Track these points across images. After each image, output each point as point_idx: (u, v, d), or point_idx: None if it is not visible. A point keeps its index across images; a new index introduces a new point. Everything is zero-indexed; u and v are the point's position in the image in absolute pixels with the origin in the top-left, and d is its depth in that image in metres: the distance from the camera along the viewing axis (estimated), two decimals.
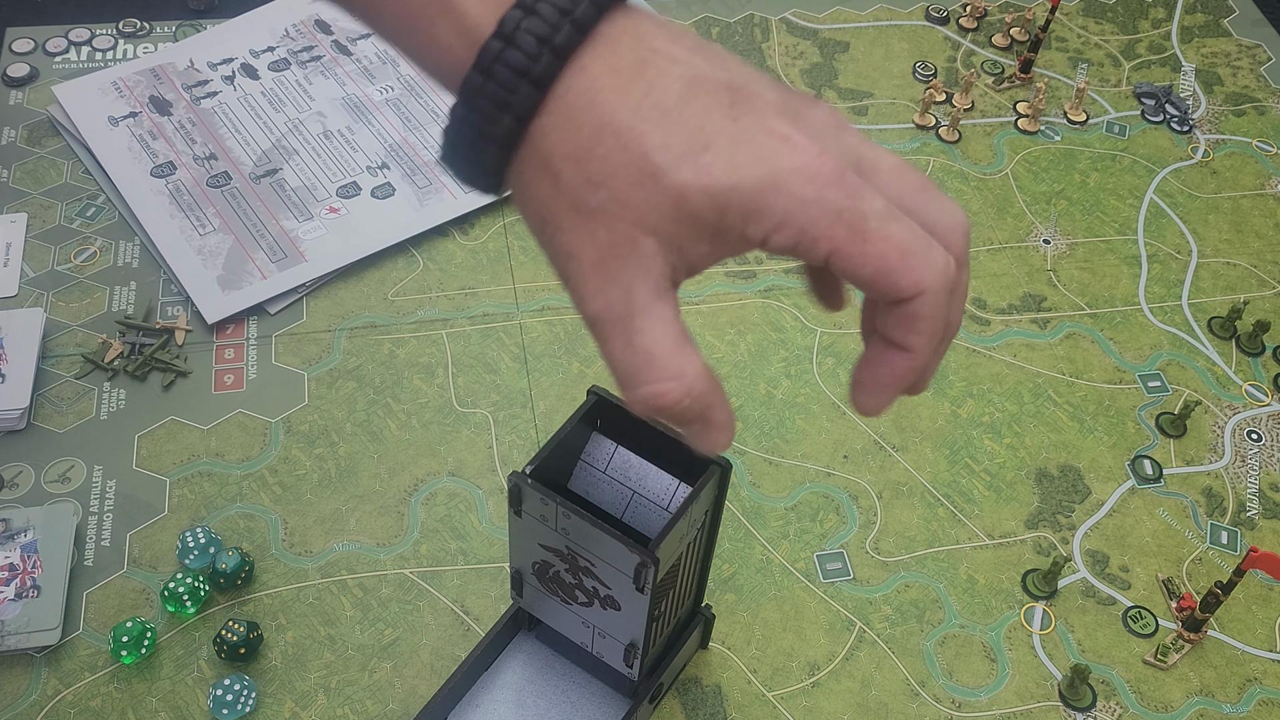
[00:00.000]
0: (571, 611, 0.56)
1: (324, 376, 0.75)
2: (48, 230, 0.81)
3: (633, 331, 0.35)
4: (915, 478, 0.73)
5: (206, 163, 0.85)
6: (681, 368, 0.36)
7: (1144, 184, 0.92)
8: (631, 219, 0.35)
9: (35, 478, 0.69)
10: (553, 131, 0.35)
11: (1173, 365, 0.80)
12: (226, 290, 0.78)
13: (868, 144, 0.37)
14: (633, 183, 0.34)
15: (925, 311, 0.36)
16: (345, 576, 0.67)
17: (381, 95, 0.90)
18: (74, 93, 0.88)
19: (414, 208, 0.83)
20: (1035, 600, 0.69)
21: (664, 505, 0.53)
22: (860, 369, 0.39)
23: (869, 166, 0.36)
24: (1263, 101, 0.99)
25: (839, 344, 0.79)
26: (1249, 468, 0.76)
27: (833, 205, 0.34)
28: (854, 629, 0.67)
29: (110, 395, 0.73)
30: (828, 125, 0.36)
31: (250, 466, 0.71)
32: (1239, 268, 0.87)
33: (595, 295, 0.36)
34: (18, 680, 0.62)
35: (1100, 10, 1.05)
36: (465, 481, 0.71)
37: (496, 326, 0.78)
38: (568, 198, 0.35)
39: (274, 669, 0.63)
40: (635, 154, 0.34)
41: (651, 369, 0.35)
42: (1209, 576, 0.70)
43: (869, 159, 0.37)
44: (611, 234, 0.35)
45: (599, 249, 0.35)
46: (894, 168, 0.37)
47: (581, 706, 0.61)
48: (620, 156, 0.34)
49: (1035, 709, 0.64)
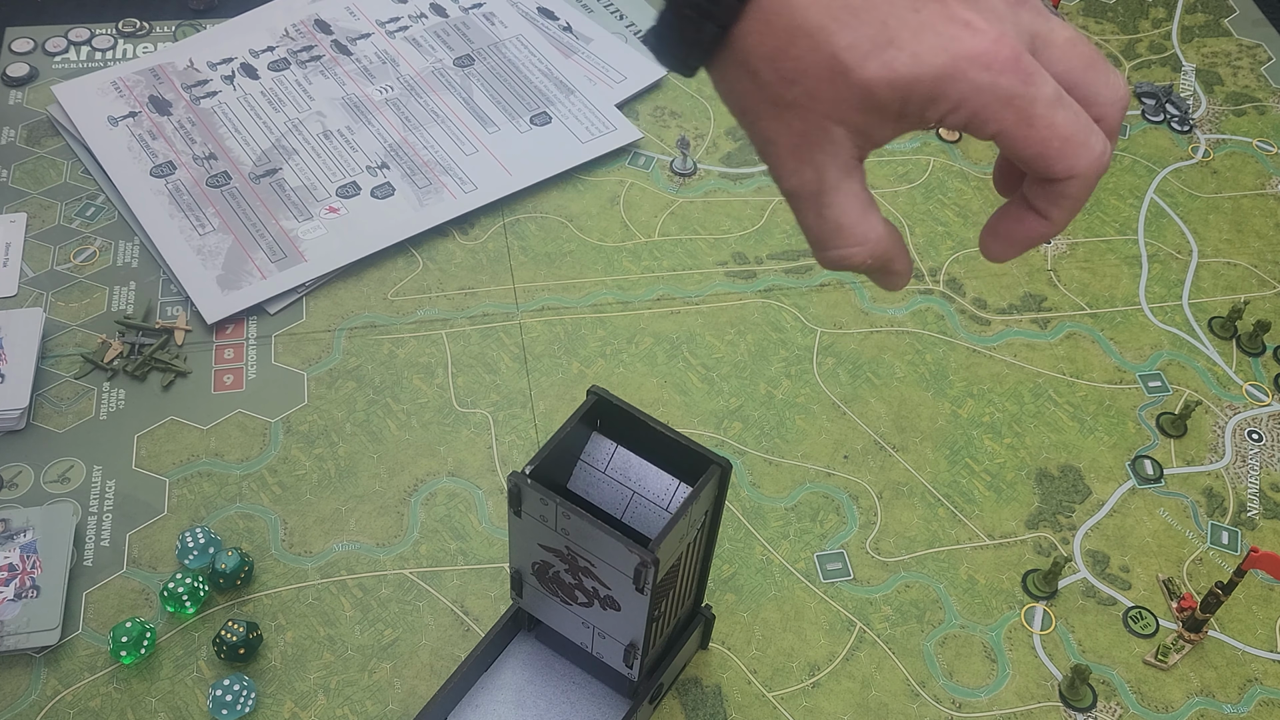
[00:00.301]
0: (571, 612, 0.56)
1: (324, 376, 0.75)
2: (47, 230, 0.81)
3: (824, 205, 0.40)
4: (915, 478, 0.73)
5: (206, 162, 0.85)
6: (866, 234, 0.40)
7: (1144, 184, 0.92)
8: (822, 111, 0.38)
9: (35, 478, 0.69)
10: (751, 34, 0.38)
11: (1173, 365, 0.80)
12: (226, 290, 0.78)
13: (1044, 17, 0.40)
14: (823, 79, 0.38)
15: (1073, 192, 0.40)
16: (345, 577, 0.67)
17: (381, 95, 0.90)
18: (73, 92, 0.88)
19: (414, 207, 0.83)
20: (1036, 600, 0.69)
21: (664, 505, 0.53)
22: (999, 221, 0.42)
23: (1043, 41, 0.39)
24: (1263, 101, 0.99)
25: (839, 344, 0.79)
26: (1249, 468, 0.76)
27: (1005, 91, 0.37)
28: (854, 629, 0.67)
29: (110, 395, 0.73)
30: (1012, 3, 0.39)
31: (250, 467, 0.71)
32: (1239, 268, 0.87)
33: (792, 174, 0.40)
34: (17, 680, 0.62)
35: (1100, 10, 1.05)
36: (465, 481, 0.71)
37: (496, 326, 0.78)
38: (766, 92, 0.39)
39: (273, 669, 0.63)
40: (826, 53, 0.37)
41: (840, 235, 0.40)
42: (1209, 577, 0.70)
43: (1043, 33, 0.39)
44: (805, 123, 0.39)
45: (794, 136, 0.39)
46: (1067, 41, 0.40)
47: (581, 707, 0.61)
48: (812, 56, 0.38)
49: (1035, 709, 0.64)
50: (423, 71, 0.92)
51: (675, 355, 0.78)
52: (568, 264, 0.82)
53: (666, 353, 0.78)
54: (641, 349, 0.78)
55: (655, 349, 0.78)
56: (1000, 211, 0.42)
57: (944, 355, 0.79)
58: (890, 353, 0.79)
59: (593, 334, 0.78)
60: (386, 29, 0.96)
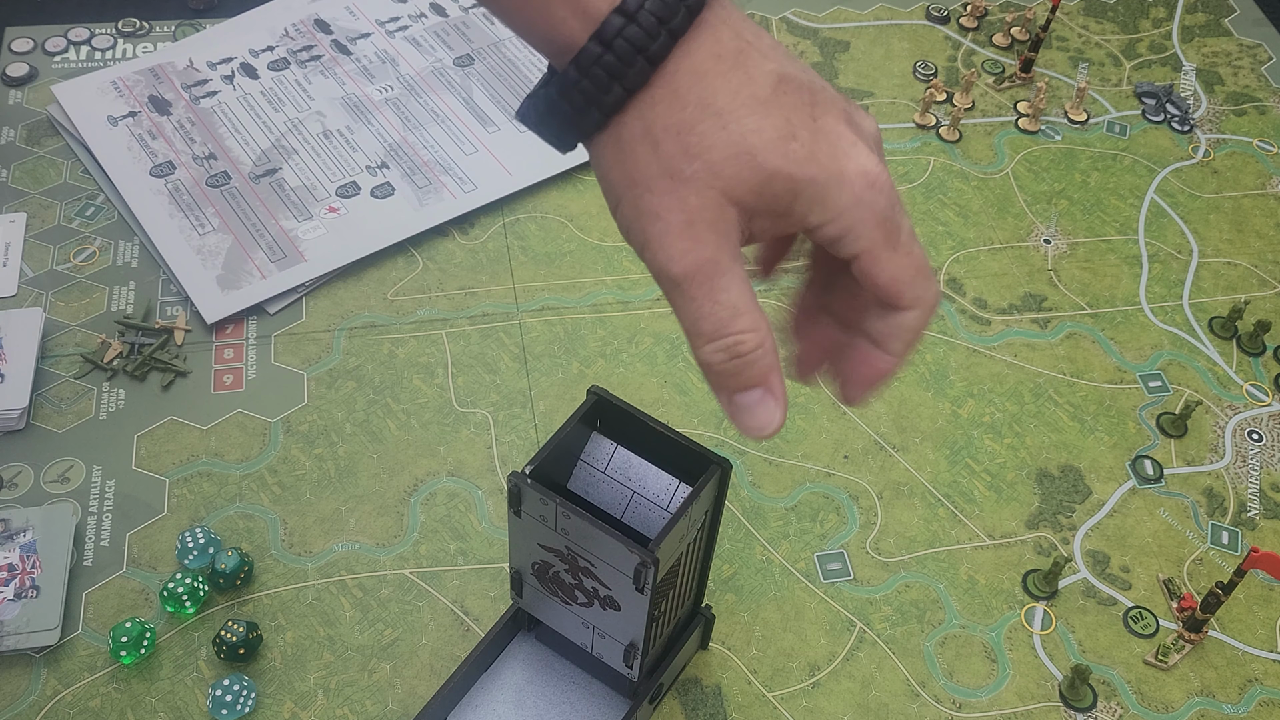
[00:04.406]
0: (571, 612, 0.56)
1: (323, 376, 0.75)
2: (47, 230, 0.81)
3: (719, 289, 0.39)
4: (916, 478, 0.73)
5: (206, 162, 0.85)
6: (759, 321, 0.40)
7: (1145, 184, 0.92)
8: (721, 188, 0.38)
9: (34, 478, 0.69)
10: (659, 104, 0.39)
11: (1173, 365, 0.80)
12: (226, 290, 0.78)
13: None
14: (728, 158, 0.38)
15: (913, 324, 0.42)
16: (345, 577, 0.67)
17: (381, 95, 0.90)
18: (73, 92, 0.88)
19: (413, 207, 0.83)
20: (1036, 601, 0.69)
21: (664, 505, 0.53)
22: (847, 367, 0.44)
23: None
24: (1263, 101, 0.99)
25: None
26: (1250, 468, 0.75)
27: (882, 210, 0.39)
28: (854, 629, 0.67)
29: (109, 395, 0.73)
30: (876, 139, 0.42)
31: (250, 467, 0.70)
32: (1240, 267, 0.87)
33: (684, 255, 0.39)
34: (17, 680, 0.62)
35: (1101, 10, 1.05)
36: (465, 482, 0.71)
37: (496, 326, 0.78)
38: (663, 164, 0.39)
39: (273, 669, 0.63)
40: (734, 134, 0.38)
41: (737, 320, 0.39)
42: (1210, 577, 0.70)
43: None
44: (702, 199, 0.39)
45: (688, 213, 0.39)
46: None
47: (581, 707, 0.61)
48: (720, 134, 0.38)
49: (1036, 709, 0.64)
50: (423, 71, 0.92)
51: (675, 355, 0.78)
52: (568, 264, 0.82)
53: (666, 353, 0.78)
54: (641, 349, 0.78)
55: (655, 349, 0.78)
56: (846, 359, 0.44)
57: (944, 355, 0.79)
58: None
59: (593, 334, 0.78)
60: (386, 29, 0.95)
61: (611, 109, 0.39)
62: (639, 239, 0.40)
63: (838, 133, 0.39)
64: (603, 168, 0.41)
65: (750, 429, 0.41)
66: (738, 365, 0.40)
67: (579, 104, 0.39)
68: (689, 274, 0.39)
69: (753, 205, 0.39)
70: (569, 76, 0.39)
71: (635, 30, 0.38)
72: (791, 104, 0.39)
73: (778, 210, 0.39)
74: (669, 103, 0.38)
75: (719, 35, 0.39)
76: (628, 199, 0.40)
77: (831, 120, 0.39)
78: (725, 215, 0.39)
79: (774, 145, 0.38)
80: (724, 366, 0.40)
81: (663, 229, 0.39)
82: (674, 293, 0.40)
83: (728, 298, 0.39)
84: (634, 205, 0.40)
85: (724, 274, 0.39)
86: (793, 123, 0.39)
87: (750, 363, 0.40)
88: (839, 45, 0.99)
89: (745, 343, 0.40)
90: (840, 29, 1.01)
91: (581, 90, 0.39)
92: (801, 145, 0.38)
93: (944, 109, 0.95)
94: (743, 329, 0.40)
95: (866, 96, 0.95)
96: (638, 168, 0.39)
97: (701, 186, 0.38)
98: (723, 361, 0.40)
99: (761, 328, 0.40)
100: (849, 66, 0.97)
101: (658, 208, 0.39)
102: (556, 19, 0.39)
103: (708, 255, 0.39)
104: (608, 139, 0.40)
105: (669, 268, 0.39)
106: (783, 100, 0.39)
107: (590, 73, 0.38)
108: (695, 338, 0.40)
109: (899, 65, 0.98)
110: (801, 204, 0.39)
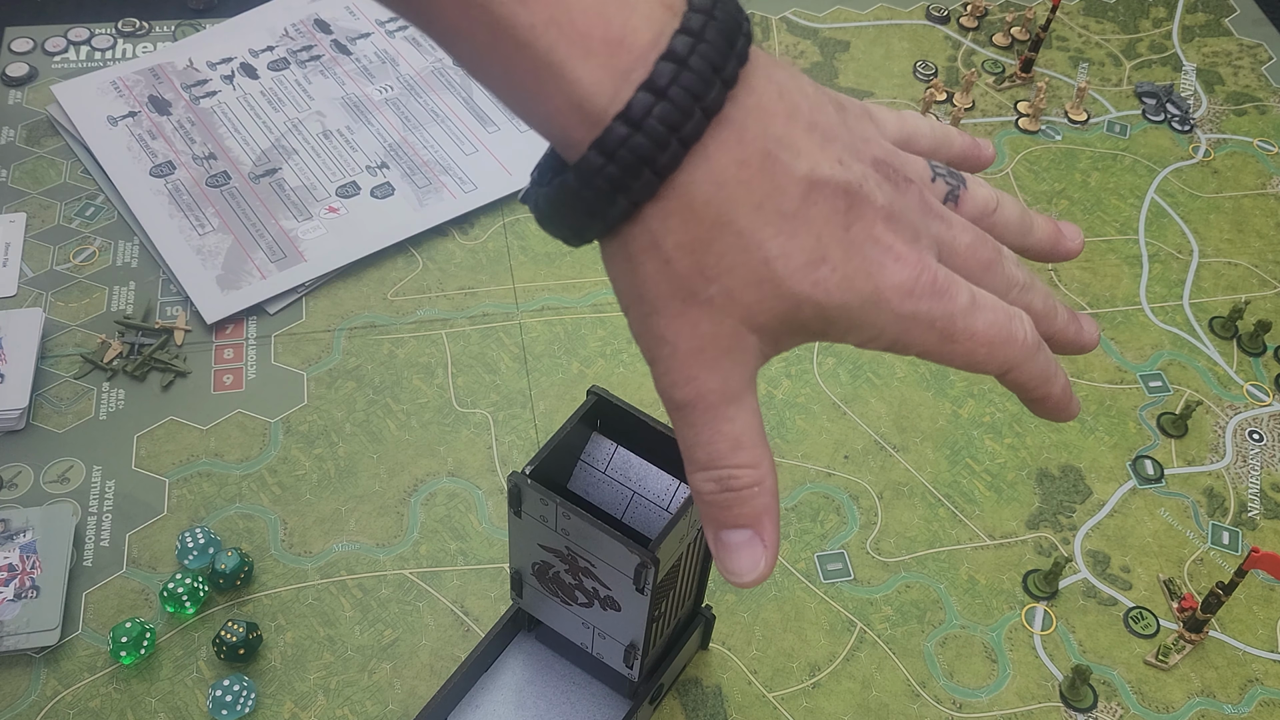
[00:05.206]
0: (571, 612, 0.56)
1: (323, 376, 0.75)
2: (47, 230, 0.81)
3: (723, 419, 0.36)
4: (916, 478, 0.73)
5: (205, 162, 0.85)
6: (760, 457, 0.37)
7: (1145, 183, 0.92)
8: (740, 315, 0.35)
9: (34, 478, 0.69)
10: (670, 217, 0.34)
11: (1174, 365, 0.80)
12: (226, 290, 0.78)
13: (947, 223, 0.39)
14: (749, 283, 0.34)
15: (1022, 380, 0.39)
16: (345, 577, 0.67)
17: (381, 95, 0.90)
18: (73, 92, 0.88)
19: (413, 207, 0.83)
20: (1036, 601, 0.69)
21: (664, 505, 0.53)
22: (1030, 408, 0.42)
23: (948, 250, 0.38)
24: (1264, 101, 0.99)
25: (839, 343, 0.79)
26: (1250, 468, 0.75)
27: (926, 316, 0.36)
28: (854, 629, 0.67)
29: (109, 395, 0.73)
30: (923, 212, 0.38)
31: (249, 467, 0.70)
32: (1240, 267, 0.87)
33: (688, 382, 0.36)
34: (17, 681, 0.62)
35: (1101, 9, 1.05)
36: (465, 482, 0.71)
37: (496, 326, 0.78)
38: (675, 284, 0.35)
39: (273, 670, 0.63)
40: (756, 257, 0.34)
41: (735, 454, 0.36)
42: (1210, 577, 0.70)
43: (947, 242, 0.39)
44: (717, 327, 0.35)
45: (700, 339, 0.35)
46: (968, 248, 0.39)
47: (581, 707, 0.61)
48: (740, 256, 0.34)
49: (1036, 710, 0.64)
50: (422, 71, 0.92)
51: None
52: (568, 264, 0.82)
53: None
54: None
55: None
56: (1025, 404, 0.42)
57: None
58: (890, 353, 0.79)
59: (593, 334, 0.78)
60: (386, 28, 0.95)
61: (616, 221, 0.35)
62: (645, 354, 0.37)
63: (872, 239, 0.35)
64: (610, 272, 0.37)
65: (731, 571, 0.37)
66: (728, 499, 0.37)
67: (579, 212, 0.35)
68: (691, 401, 0.36)
69: (777, 330, 0.36)
70: (568, 183, 0.34)
71: (641, 141, 0.32)
72: (823, 216, 0.35)
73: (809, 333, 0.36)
74: (682, 216, 0.34)
75: (743, 135, 0.34)
76: (635, 314, 0.36)
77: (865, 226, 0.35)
78: (742, 343, 0.35)
79: (802, 272, 0.34)
80: (713, 498, 0.37)
81: (669, 352, 0.36)
82: (675, 415, 0.37)
83: (730, 429, 0.36)
84: (641, 322, 0.36)
85: (730, 403, 0.36)
86: (823, 241, 0.35)
87: (742, 499, 0.37)
88: (839, 45, 0.99)
89: (740, 478, 0.36)
90: (840, 29, 1.00)
91: (582, 199, 0.34)
92: (833, 270, 0.35)
93: (944, 109, 0.95)
94: (739, 463, 0.36)
95: (866, 96, 0.95)
96: (645, 284, 0.35)
97: (717, 313, 0.35)
98: (713, 492, 0.37)
99: (762, 465, 0.37)
100: (849, 66, 0.97)
101: (665, 331, 0.35)
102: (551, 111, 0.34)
103: (715, 385, 0.36)
104: (615, 246, 0.36)
105: (672, 392, 0.36)
106: (812, 214, 0.34)
107: (592, 183, 0.33)
108: (689, 463, 0.37)
109: (899, 65, 0.98)
110: (837, 329, 0.36)
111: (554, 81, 0.33)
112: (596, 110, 0.33)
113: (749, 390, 0.36)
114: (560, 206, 0.35)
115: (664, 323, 0.35)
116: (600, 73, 0.33)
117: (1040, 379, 0.40)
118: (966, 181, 0.42)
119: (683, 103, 0.32)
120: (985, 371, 0.38)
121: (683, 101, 0.32)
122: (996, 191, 0.43)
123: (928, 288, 0.36)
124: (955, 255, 0.39)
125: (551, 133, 0.35)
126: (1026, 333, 0.39)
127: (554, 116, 0.34)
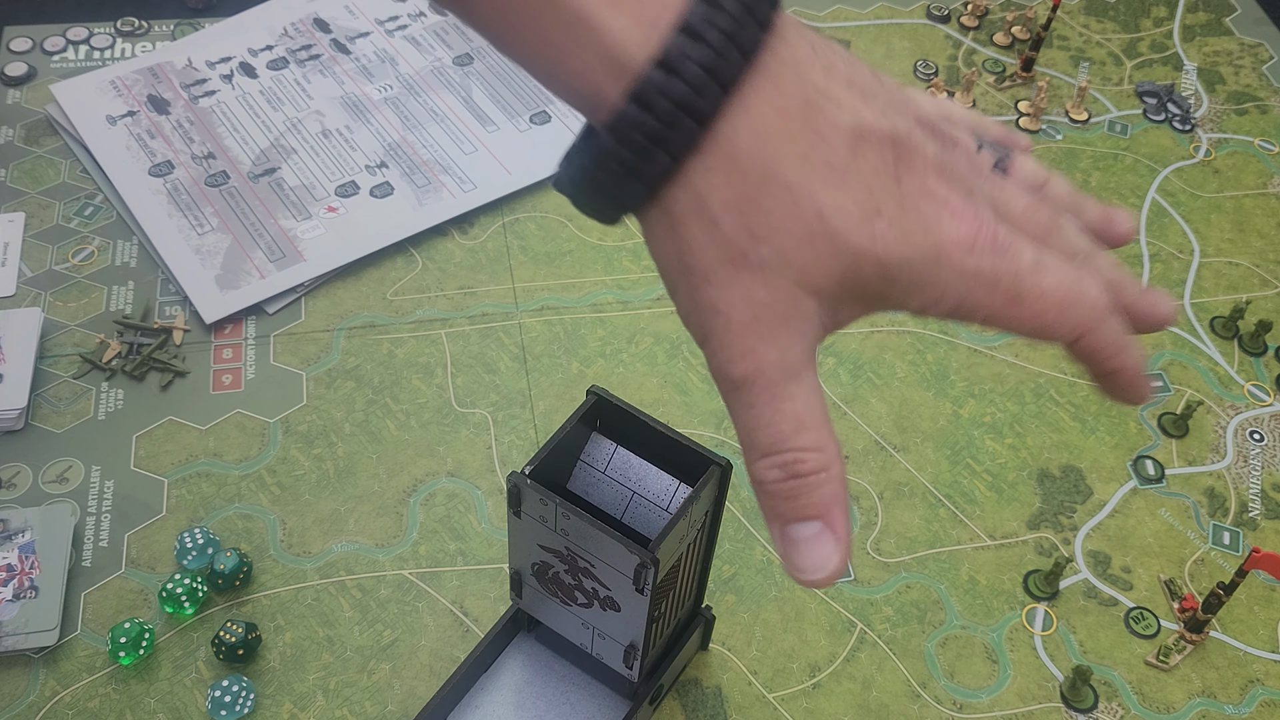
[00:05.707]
0: (571, 613, 0.55)
1: (322, 376, 0.75)
2: (45, 230, 0.81)
3: (784, 397, 0.34)
4: (916, 478, 0.73)
5: (204, 162, 0.85)
6: (826, 440, 0.34)
7: (1146, 183, 0.92)
8: (795, 277, 0.33)
9: (33, 478, 0.69)
10: (714, 173, 0.32)
11: (1175, 365, 0.80)
12: (225, 290, 0.77)
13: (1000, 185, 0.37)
14: (803, 241, 0.32)
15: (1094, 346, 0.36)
16: (344, 577, 0.66)
17: (380, 94, 0.90)
18: (72, 92, 0.88)
19: (413, 207, 0.83)
20: (1037, 601, 0.68)
21: (664, 506, 0.53)
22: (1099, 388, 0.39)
23: (1004, 211, 0.36)
24: (1265, 100, 0.99)
25: (839, 344, 0.79)
26: (1251, 468, 0.75)
27: (990, 274, 0.34)
28: (855, 630, 0.66)
29: (108, 395, 0.73)
30: (973, 172, 0.36)
31: (249, 467, 0.70)
32: (1241, 267, 0.87)
33: (745, 356, 0.34)
34: (15, 681, 0.61)
35: (1102, 9, 1.05)
36: (464, 482, 0.71)
37: (496, 326, 0.78)
38: (724, 248, 0.33)
39: (272, 670, 0.63)
40: (809, 212, 0.32)
41: (799, 435, 0.34)
42: (1211, 577, 0.70)
43: (1003, 203, 0.36)
44: (772, 292, 0.33)
45: (754, 306, 0.33)
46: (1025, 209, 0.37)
47: (581, 708, 0.61)
48: (791, 210, 0.32)
49: (1037, 710, 0.64)
50: (422, 70, 0.92)
51: (675, 355, 0.78)
52: (567, 263, 0.82)
53: (666, 352, 0.78)
54: (641, 349, 0.78)
55: (655, 349, 0.78)
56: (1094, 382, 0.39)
57: (945, 355, 0.79)
58: (891, 353, 0.79)
59: (593, 334, 0.78)
60: (385, 28, 0.95)
61: (656, 180, 0.33)
62: (697, 333, 0.34)
63: (925, 192, 0.34)
64: (654, 246, 0.35)
65: (800, 569, 0.34)
66: (794, 487, 0.34)
67: (618, 175, 0.33)
68: (750, 378, 0.34)
69: (836, 294, 0.33)
70: (603, 144, 0.32)
71: (678, 85, 0.31)
72: (872, 168, 0.33)
73: (869, 296, 0.34)
74: (726, 171, 0.32)
75: (782, 85, 0.32)
76: (683, 287, 0.34)
77: (917, 177, 0.34)
78: (800, 309, 0.33)
79: (858, 225, 0.32)
80: (778, 487, 0.34)
81: (724, 325, 0.33)
82: (732, 397, 0.34)
83: (792, 407, 0.34)
84: (690, 296, 0.34)
85: (792, 379, 0.34)
86: (876, 193, 0.33)
87: (810, 486, 0.34)
88: (839, 45, 0.99)
89: (806, 462, 0.34)
90: (841, 28, 1.00)
91: (619, 159, 0.32)
92: (889, 223, 0.33)
93: None
94: (805, 445, 0.34)
95: None
96: (693, 251, 0.33)
97: (771, 276, 0.33)
98: (777, 480, 0.34)
99: (829, 448, 0.34)
100: None
101: (718, 301, 0.33)
102: (580, 67, 0.32)
103: (774, 357, 0.33)
104: (657, 214, 0.34)
105: (728, 369, 0.34)
106: (862, 165, 0.33)
107: (629, 139, 0.32)
108: (750, 450, 0.35)
109: (900, 64, 0.98)
110: (899, 289, 0.34)
111: (585, 34, 0.32)
112: (629, 59, 0.32)
113: (809, 366, 0.34)
114: (595, 176, 0.33)
115: (715, 292, 0.33)
116: (629, 19, 0.32)
117: (1114, 347, 0.37)
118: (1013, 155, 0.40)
119: (718, 43, 0.31)
120: (1055, 337, 0.36)
121: (718, 42, 0.31)
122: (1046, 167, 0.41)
123: (989, 243, 0.34)
124: (1012, 217, 0.36)
125: (582, 92, 0.33)
126: (1099, 293, 0.36)
127: (584, 73, 0.32)
